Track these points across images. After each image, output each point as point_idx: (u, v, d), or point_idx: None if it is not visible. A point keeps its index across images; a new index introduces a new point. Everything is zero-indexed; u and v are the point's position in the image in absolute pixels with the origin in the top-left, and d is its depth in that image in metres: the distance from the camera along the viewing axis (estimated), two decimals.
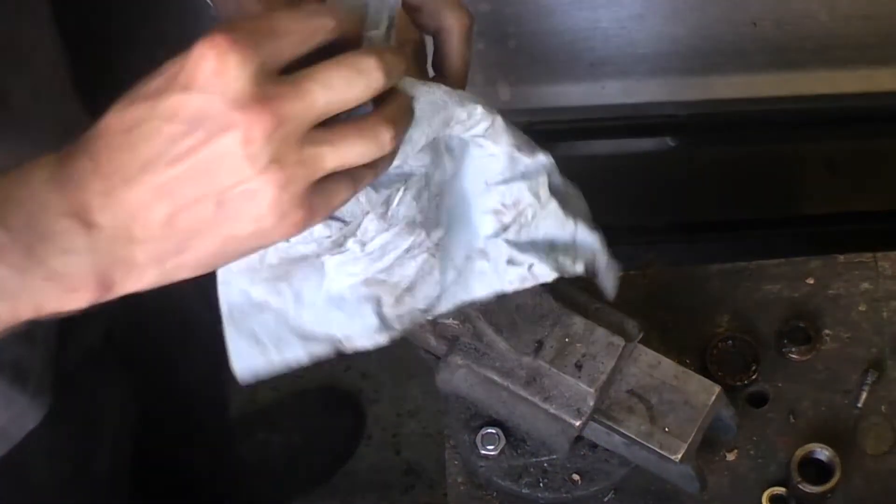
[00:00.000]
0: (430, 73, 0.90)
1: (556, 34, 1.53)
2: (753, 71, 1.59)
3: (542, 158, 0.86)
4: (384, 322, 0.84)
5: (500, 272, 0.87)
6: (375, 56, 0.68)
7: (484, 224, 0.85)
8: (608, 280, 0.91)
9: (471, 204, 0.85)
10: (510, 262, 0.86)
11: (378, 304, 0.83)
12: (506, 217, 0.85)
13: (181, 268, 0.69)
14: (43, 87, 1.07)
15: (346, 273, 0.81)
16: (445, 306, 0.88)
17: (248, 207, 0.66)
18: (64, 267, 0.67)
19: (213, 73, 0.65)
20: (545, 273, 0.86)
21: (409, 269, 0.82)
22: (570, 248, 0.88)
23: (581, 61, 1.57)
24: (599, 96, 1.61)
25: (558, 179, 0.87)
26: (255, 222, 0.67)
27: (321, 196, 0.68)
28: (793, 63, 1.58)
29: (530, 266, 0.86)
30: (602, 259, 0.90)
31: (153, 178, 0.66)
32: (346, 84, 0.67)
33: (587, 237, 0.89)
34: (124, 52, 1.49)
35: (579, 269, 0.88)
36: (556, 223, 0.87)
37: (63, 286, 0.68)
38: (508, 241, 0.86)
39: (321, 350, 0.84)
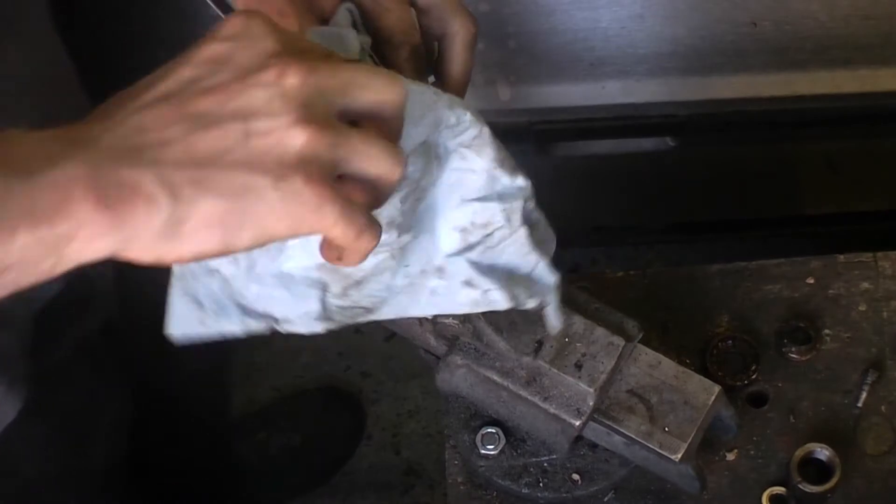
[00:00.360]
0: (431, 80, 0.90)
1: (556, 34, 1.53)
2: (753, 71, 1.59)
3: (521, 182, 0.84)
4: (325, 311, 0.83)
5: (452, 292, 0.84)
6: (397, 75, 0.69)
7: (448, 240, 0.84)
8: (552, 320, 0.90)
9: (439, 216, 0.84)
10: (467, 283, 0.84)
11: (324, 291, 0.82)
12: (472, 236, 0.84)
13: (193, 211, 0.62)
14: (34, 54, 1.06)
15: (307, 252, 0.80)
16: (388, 313, 0.86)
17: (275, 148, 0.63)
18: (54, 175, 0.61)
19: (244, 28, 0.65)
20: (500, 301, 0.84)
21: (367, 263, 0.81)
22: (527, 282, 0.86)
23: (581, 61, 1.57)
24: (599, 96, 1.61)
25: (532, 207, 0.86)
26: (278, 170, 0.63)
27: (342, 189, 0.66)
28: (793, 63, 1.58)
29: (486, 291, 0.84)
30: (553, 301, 0.88)
31: (177, 105, 0.63)
32: (368, 78, 0.67)
33: (545, 275, 0.87)
34: (124, 53, 1.49)
35: (530, 305, 0.86)
36: (519, 253, 0.85)
37: (54, 194, 0.61)
38: (470, 262, 0.84)
39: (257, 327, 0.83)
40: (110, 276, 1.29)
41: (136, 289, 1.25)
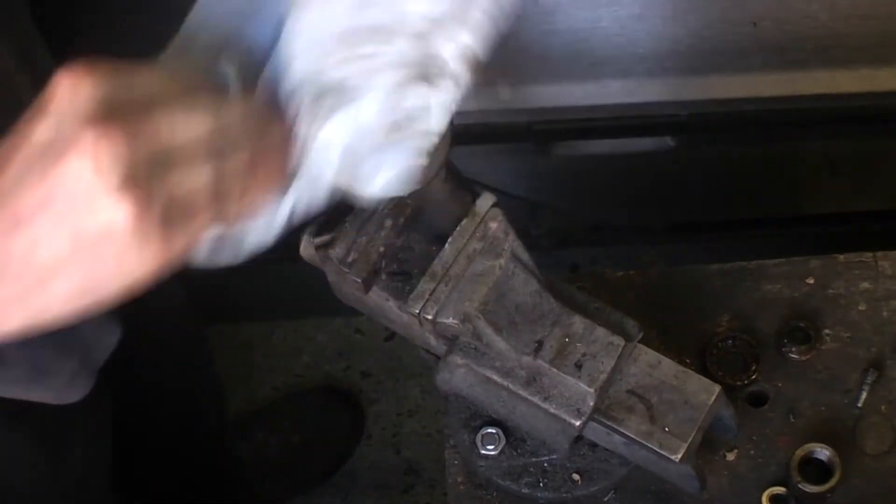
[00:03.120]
0: None
1: (556, 34, 1.53)
2: (753, 71, 1.59)
3: None
4: None
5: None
6: (213, 110, 0.69)
7: None
8: None
9: None
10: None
11: None
12: None
13: (48, 307, 0.66)
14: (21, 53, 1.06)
15: None
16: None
17: (105, 233, 0.64)
18: None
19: (66, 95, 0.64)
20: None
21: None
22: None
23: (581, 61, 1.57)
24: (599, 96, 1.61)
25: None
26: (116, 250, 0.65)
27: (181, 216, 0.66)
28: (793, 63, 1.58)
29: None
30: None
31: (9, 209, 0.64)
32: (186, 123, 0.67)
33: None
34: (124, 53, 1.49)
35: None
36: None
37: None
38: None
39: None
40: None
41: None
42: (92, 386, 1.13)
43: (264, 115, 0.73)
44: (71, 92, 0.64)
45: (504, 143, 1.71)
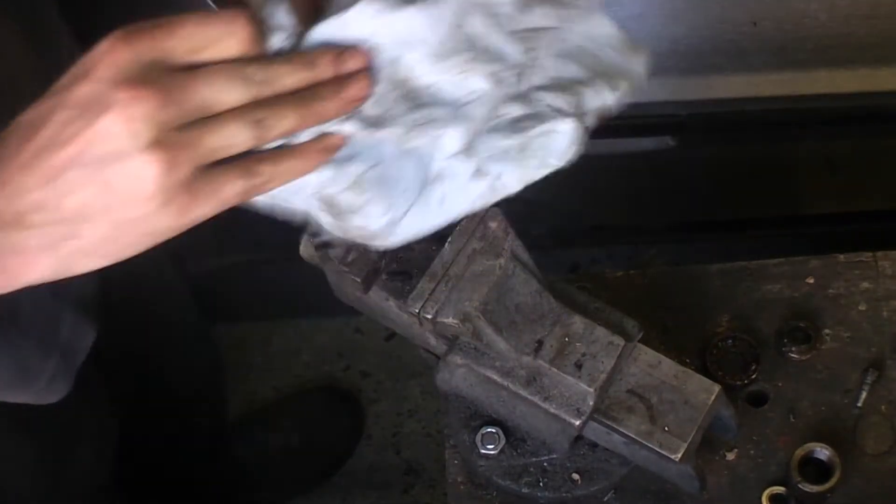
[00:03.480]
0: None
1: None
2: (753, 71, 1.59)
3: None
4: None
5: (464, 189, 0.82)
6: (259, 67, 0.71)
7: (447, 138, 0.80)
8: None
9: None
10: (476, 174, 0.82)
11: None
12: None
13: (78, 255, 0.70)
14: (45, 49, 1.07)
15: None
16: (399, 238, 0.82)
17: (134, 189, 0.68)
18: None
19: (104, 61, 0.68)
20: (513, 183, 0.84)
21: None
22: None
23: None
24: None
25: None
26: (142, 205, 0.68)
27: (208, 184, 0.70)
28: (793, 63, 1.58)
29: (498, 176, 0.83)
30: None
31: (44, 163, 0.68)
32: (228, 86, 0.69)
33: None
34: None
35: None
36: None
37: None
38: (475, 153, 0.81)
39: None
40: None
41: (119, 297, 1.26)
42: (70, 387, 1.13)
43: (314, 74, 0.74)
44: (111, 56, 0.68)
45: None
